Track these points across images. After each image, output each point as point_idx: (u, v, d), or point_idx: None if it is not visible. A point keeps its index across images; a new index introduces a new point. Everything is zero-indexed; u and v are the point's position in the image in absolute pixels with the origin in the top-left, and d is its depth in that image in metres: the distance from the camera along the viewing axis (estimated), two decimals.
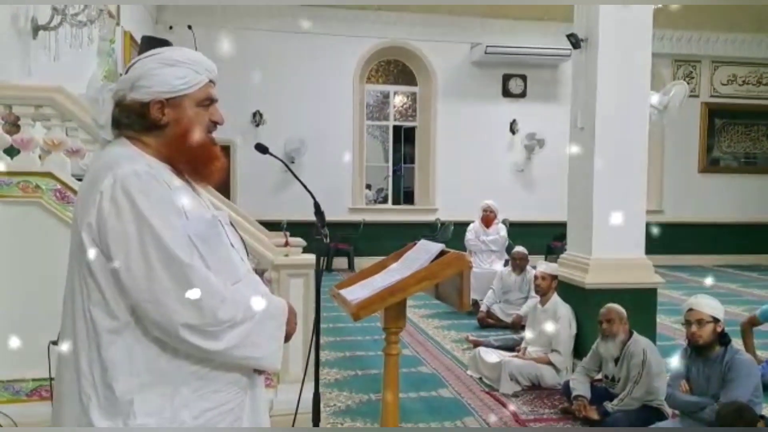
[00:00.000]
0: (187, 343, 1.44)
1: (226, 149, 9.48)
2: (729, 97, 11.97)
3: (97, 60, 6.52)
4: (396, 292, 2.04)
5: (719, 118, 12.00)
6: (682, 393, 3.52)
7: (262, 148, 2.34)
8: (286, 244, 4.51)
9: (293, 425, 2.92)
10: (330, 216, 2.63)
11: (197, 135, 1.60)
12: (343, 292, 2.27)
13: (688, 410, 3.47)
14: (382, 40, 10.79)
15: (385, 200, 12.17)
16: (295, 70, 10.39)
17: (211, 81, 1.64)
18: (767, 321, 4.99)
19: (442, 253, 2.17)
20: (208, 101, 1.63)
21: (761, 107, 12.06)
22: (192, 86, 1.59)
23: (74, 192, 3.52)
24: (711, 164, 12.05)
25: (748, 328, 5.04)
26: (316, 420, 2.93)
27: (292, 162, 10.14)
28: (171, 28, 9.69)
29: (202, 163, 1.63)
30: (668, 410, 3.85)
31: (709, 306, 3.41)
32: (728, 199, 11.76)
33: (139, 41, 7.44)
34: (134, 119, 1.57)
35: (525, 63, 10.93)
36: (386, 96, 11.60)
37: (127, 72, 1.60)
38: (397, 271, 2.26)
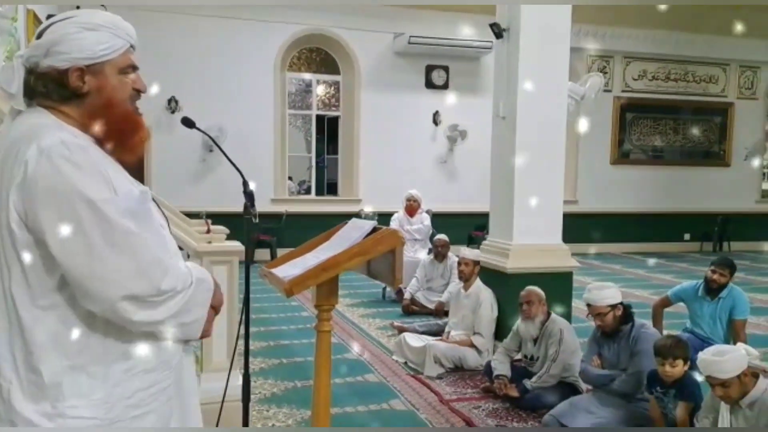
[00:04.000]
0: (125, 318, 1.38)
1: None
2: (639, 92, 12.54)
3: None
4: (329, 268, 2.02)
5: (630, 112, 12.57)
6: (594, 368, 3.70)
7: (188, 122, 2.26)
8: (208, 231, 4.41)
9: (220, 413, 2.86)
10: None
11: (122, 104, 1.53)
12: (275, 270, 2.23)
13: (599, 383, 3.66)
14: (304, 27, 10.63)
15: (308, 192, 12.07)
16: (212, 56, 10.07)
17: (131, 46, 1.56)
18: (678, 301, 5.26)
19: (374, 232, 2.17)
20: (131, 68, 1.55)
21: (669, 102, 12.71)
22: (114, 52, 1.50)
23: None
24: (622, 157, 12.61)
25: (660, 309, 5.29)
26: (245, 407, 2.88)
27: (210, 151, 9.89)
28: (78, 7, 9.19)
29: (128, 134, 1.54)
30: (582, 386, 4.03)
31: (602, 299, 3.63)
32: (637, 191, 12.36)
33: (43, 20, 7.04)
34: (51, 87, 1.47)
35: (448, 54, 11.05)
36: (308, 85, 11.46)
37: (39, 36, 1.49)
38: (328, 249, 2.24)
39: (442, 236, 7.01)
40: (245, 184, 2.41)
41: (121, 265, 1.35)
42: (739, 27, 11.35)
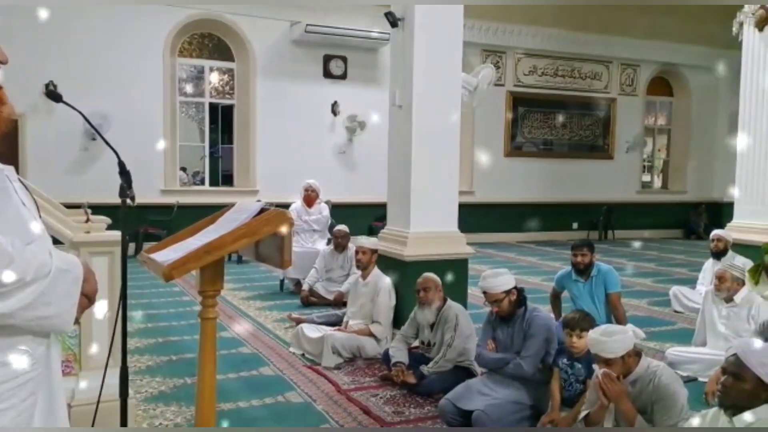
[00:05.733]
0: None
1: (12, 123, 8.48)
2: (530, 86, 13.00)
3: None
4: (212, 250, 1.88)
5: (522, 107, 12.99)
6: (489, 351, 3.75)
7: (54, 96, 2.05)
8: (87, 221, 4.10)
9: (96, 412, 2.65)
10: (140, 198, 2.45)
11: None
12: (154, 255, 2.06)
13: (494, 366, 3.71)
14: (195, 11, 10.19)
15: (202, 183, 11.64)
16: (95, 39, 9.48)
17: None
18: (562, 288, 5.47)
19: (262, 213, 2.06)
20: None
21: (557, 97, 13.24)
22: None
23: None
24: (515, 149, 13.02)
25: (554, 299, 5.49)
26: (123, 403, 2.69)
27: (93, 139, 9.31)
28: None
29: None
30: (477, 369, 4.08)
31: (497, 286, 3.68)
32: (529, 182, 12.81)
33: None
34: None
35: (345, 44, 10.97)
36: (201, 71, 11.00)
37: None
38: (213, 231, 2.10)
39: (342, 227, 6.92)
40: (121, 163, 2.22)
41: None
42: (620, 27, 12.02)
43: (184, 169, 12.30)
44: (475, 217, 10.47)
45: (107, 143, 2.18)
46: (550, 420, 3.35)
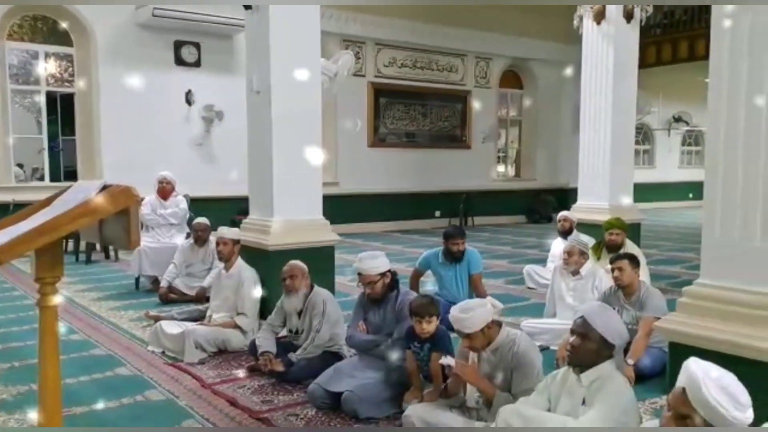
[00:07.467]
0: None
1: None
2: (391, 78, 13.17)
3: None
4: (47, 231, 1.70)
5: (383, 98, 13.16)
6: (360, 333, 3.76)
7: None
8: None
9: None
10: None
11: None
12: None
13: (365, 348, 3.73)
14: None
15: (42, 179, 10.70)
16: None
17: None
18: (427, 269, 5.64)
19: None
20: None
21: (417, 89, 13.52)
22: None
23: None
24: (378, 140, 13.16)
25: (415, 281, 5.64)
26: None
27: None
28: None
29: None
30: (346, 353, 4.08)
31: (373, 268, 3.73)
32: (393, 172, 13.02)
33: None
34: None
35: (198, 30, 10.47)
36: (35, 57, 10.04)
37: None
38: (48, 214, 1.90)
39: (202, 220, 6.62)
40: None
41: None
42: (474, 20, 12.51)
43: (20, 165, 11.26)
44: (340, 207, 10.47)
45: None
46: (413, 397, 3.42)
